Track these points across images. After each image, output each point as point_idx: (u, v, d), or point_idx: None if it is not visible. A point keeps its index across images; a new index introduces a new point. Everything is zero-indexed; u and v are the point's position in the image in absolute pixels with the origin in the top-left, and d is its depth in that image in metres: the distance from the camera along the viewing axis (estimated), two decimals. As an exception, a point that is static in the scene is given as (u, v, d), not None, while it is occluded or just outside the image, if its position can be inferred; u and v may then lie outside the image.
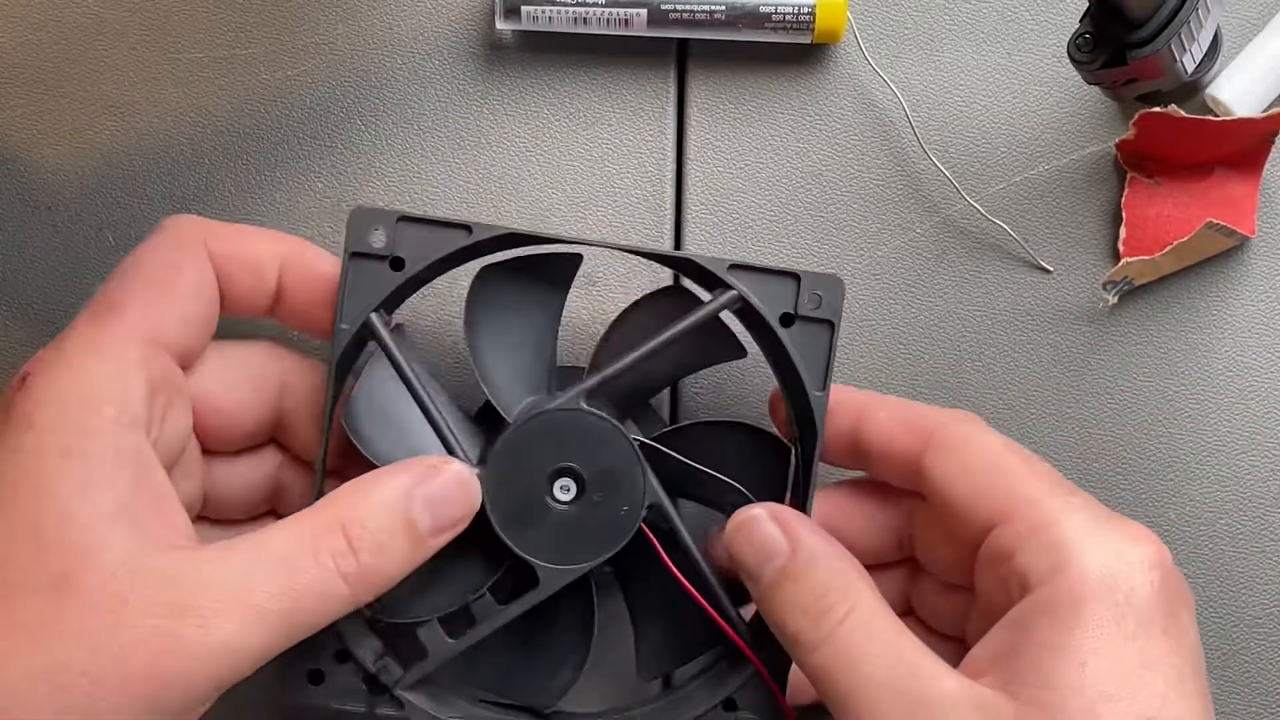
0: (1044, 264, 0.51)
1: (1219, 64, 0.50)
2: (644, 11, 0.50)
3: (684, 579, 0.43)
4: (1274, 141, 0.50)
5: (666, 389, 0.50)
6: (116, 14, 0.51)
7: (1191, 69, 0.46)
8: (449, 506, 0.40)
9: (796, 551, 0.40)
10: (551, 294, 0.45)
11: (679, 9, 0.50)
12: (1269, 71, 0.50)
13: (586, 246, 0.44)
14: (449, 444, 0.42)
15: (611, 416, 0.43)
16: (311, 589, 0.37)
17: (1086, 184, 0.52)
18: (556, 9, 0.50)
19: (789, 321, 0.43)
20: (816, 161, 0.52)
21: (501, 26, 0.50)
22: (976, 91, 0.52)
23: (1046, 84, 0.52)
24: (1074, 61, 0.46)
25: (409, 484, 0.39)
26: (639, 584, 0.45)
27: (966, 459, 0.41)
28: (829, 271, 0.43)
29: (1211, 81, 0.50)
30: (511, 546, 0.42)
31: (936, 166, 0.51)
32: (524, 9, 0.50)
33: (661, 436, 0.44)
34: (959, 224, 0.51)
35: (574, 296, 0.45)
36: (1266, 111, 0.50)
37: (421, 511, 0.39)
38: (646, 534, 0.43)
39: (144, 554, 0.36)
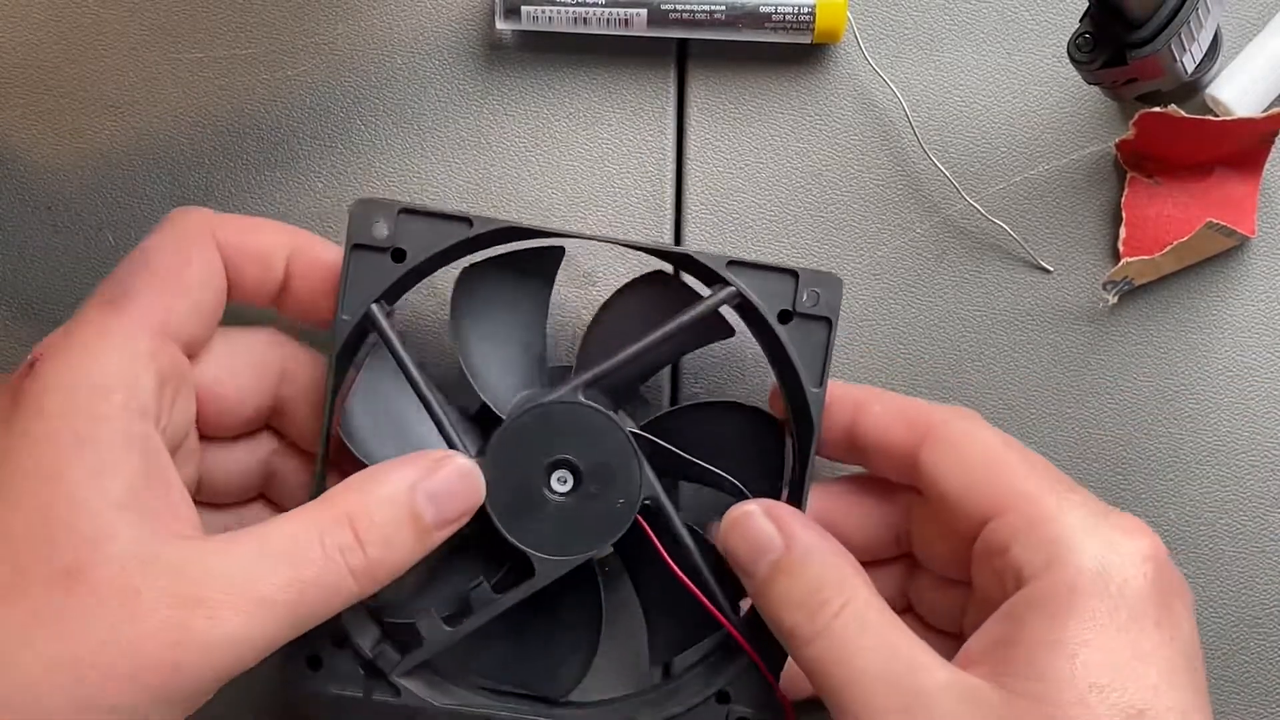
0: (1044, 264, 0.51)
1: (1219, 64, 0.50)
2: (644, 11, 0.50)
3: (680, 571, 0.43)
4: (1274, 141, 0.50)
5: (667, 369, 0.50)
6: (116, 14, 0.51)
7: (1191, 69, 0.46)
8: (453, 500, 0.40)
9: (790, 546, 0.40)
10: (536, 288, 0.45)
11: (679, 9, 0.50)
12: (1269, 71, 0.50)
13: (585, 241, 0.44)
14: (450, 438, 0.42)
15: (606, 405, 0.43)
16: (318, 581, 0.37)
17: (1086, 184, 0.52)
18: (556, 9, 0.50)
19: (787, 318, 0.43)
20: (816, 161, 0.52)
21: (501, 26, 0.50)
22: (976, 91, 0.52)
23: (1046, 84, 0.52)
24: (1074, 61, 0.46)
25: (414, 477, 0.40)
26: (646, 572, 0.45)
27: (963, 454, 0.41)
28: (827, 270, 0.43)
29: (1211, 81, 0.50)
30: (509, 537, 0.42)
31: (936, 166, 0.51)
32: (524, 9, 0.50)
33: (659, 419, 0.44)
34: (959, 224, 0.51)
35: (574, 295, 0.46)
36: (1266, 111, 0.50)
37: (426, 505, 0.39)
38: (643, 527, 0.43)
39: (153, 544, 0.36)
